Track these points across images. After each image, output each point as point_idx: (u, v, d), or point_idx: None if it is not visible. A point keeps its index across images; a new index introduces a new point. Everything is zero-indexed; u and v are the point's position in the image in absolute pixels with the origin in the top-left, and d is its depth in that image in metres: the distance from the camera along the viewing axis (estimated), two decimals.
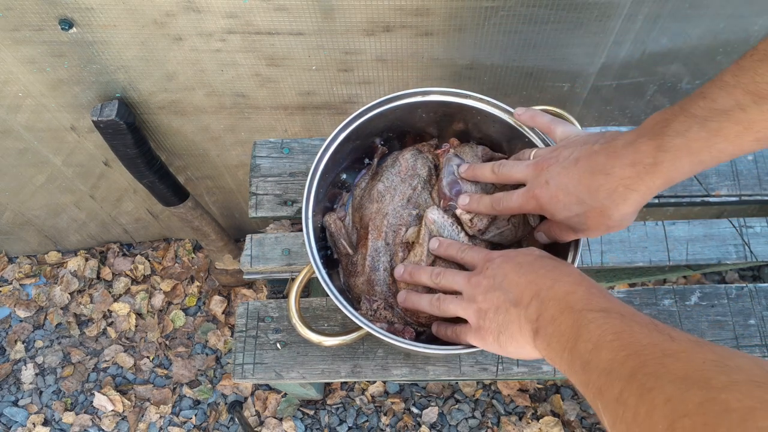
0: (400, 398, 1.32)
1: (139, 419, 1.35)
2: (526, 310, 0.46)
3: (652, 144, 0.45)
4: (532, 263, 0.50)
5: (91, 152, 1.08)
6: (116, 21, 0.78)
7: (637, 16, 0.77)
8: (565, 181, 0.50)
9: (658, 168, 0.45)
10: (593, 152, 0.49)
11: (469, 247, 0.58)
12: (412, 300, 0.58)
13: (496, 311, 0.49)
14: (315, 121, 1.01)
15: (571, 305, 0.43)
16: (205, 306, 1.45)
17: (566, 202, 0.51)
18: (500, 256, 0.53)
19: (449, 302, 0.54)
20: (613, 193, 0.48)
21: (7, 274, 1.50)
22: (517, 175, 0.57)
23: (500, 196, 0.58)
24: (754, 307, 0.73)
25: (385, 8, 0.75)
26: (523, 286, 0.48)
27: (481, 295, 0.51)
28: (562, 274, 0.47)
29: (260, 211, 0.77)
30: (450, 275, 0.55)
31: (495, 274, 0.50)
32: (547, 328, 0.44)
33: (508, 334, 0.48)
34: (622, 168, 0.47)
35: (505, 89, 0.91)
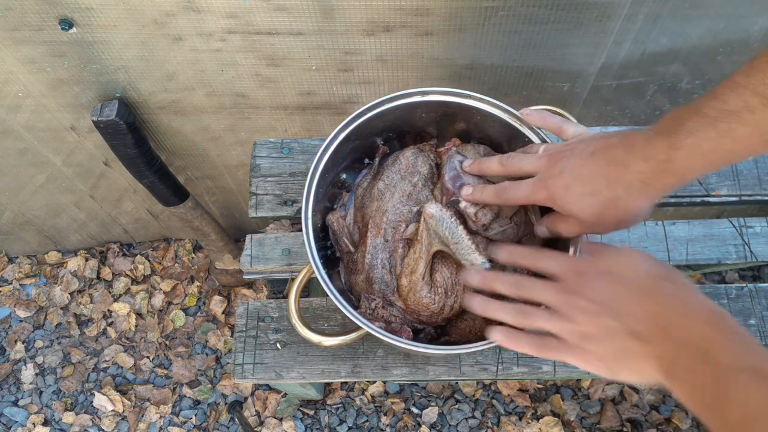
0: (400, 398, 1.32)
1: (139, 419, 1.35)
2: (653, 347, 0.42)
3: (665, 142, 0.45)
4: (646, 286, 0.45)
5: (91, 152, 1.08)
6: (116, 21, 0.78)
7: (637, 16, 0.77)
8: (582, 172, 0.50)
9: (671, 165, 0.45)
10: (611, 145, 0.49)
11: (544, 253, 0.52)
12: (490, 308, 0.53)
13: (609, 338, 0.45)
14: (315, 121, 1.01)
15: (712, 356, 0.39)
16: (205, 306, 1.45)
17: (581, 193, 0.50)
18: (596, 270, 0.48)
19: (538, 318, 0.49)
20: (629, 186, 0.48)
21: (7, 274, 1.50)
22: (527, 167, 0.55)
23: (506, 184, 0.56)
24: (754, 307, 0.73)
25: (385, 8, 0.75)
26: (644, 318, 0.43)
27: (583, 317, 0.46)
28: (693, 308, 0.42)
29: (260, 211, 0.77)
30: (536, 287, 0.50)
31: (601, 297, 0.46)
32: (685, 377, 0.41)
33: (626, 366, 0.45)
34: (638, 162, 0.47)
35: (505, 89, 0.91)
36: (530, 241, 0.65)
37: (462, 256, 0.59)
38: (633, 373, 0.44)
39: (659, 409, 1.29)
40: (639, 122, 1.00)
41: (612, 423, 1.27)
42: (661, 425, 1.27)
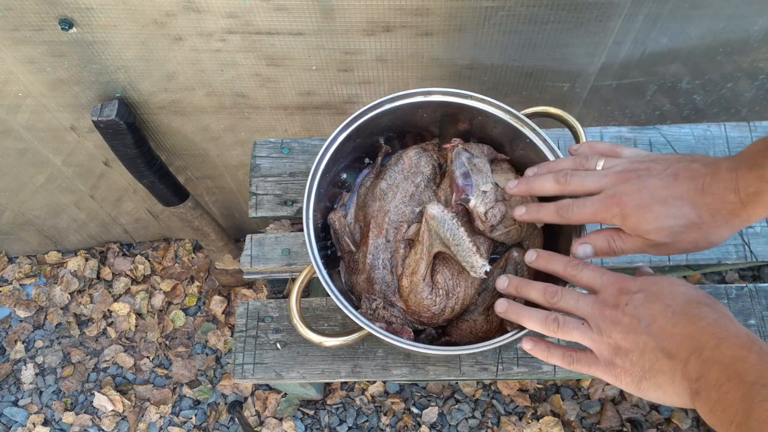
0: (400, 398, 1.32)
1: (139, 419, 1.35)
2: (684, 366, 0.43)
3: (753, 174, 0.45)
4: (685, 309, 0.45)
5: (91, 152, 1.08)
6: (116, 21, 0.78)
7: (637, 16, 0.77)
8: (664, 193, 0.49)
9: (760, 198, 0.45)
10: (695, 171, 0.48)
11: (584, 264, 0.52)
12: (518, 313, 0.53)
13: (641, 355, 0.45)
14: (315, 121, 1.01)
15: (741, 375, 0.39)
16: (205, 306, 1.45)
17: (660, 214, 0.49)
18: (640, 289, 0.48)
19: (572, 329, 0.49)
20: (716, 214, 0.47)
21: (7, 274, 1.50)
22: (590, 185, 0.53)
23: (569, 202, 0.53)
24: (754, 307, 0.73)
25: (385, 8, 0.75)
26: (680, 338, 0.44)
27: (619, 333, 0.46)
28: (728, 333, 0.43)
29: (260, 211, 0.77)
30: (573, 298, 0.50)
31: (639, 314, 0.46)
32: (711, 394, 0.41)
33: (655, 383, 0.45)
34: (727, 192, 0.46)
35: (505, 89, 0.91)
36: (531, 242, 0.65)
37: (462, 258, 0.59)
38: (660, 390, 0.45)
39: (659, 409, 1.29)
40: (639, 122, 1.01)
41: (612, 423, 1.27)
42: (661, 425, 1.27)
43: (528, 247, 0.65)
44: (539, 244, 0.65)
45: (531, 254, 0.56)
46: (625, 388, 0.47)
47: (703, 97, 0.95)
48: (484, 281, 0.63)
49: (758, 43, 0.83)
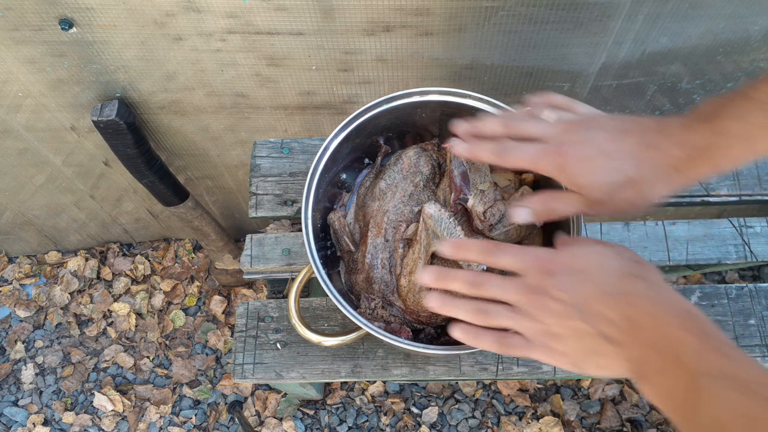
0: (400, 398, 1.32)
1: (139, 419, 1.35)
2: (623, 349, 0.41)
3: (706, 126, 0.43)
4: (617, 288, 0.43)
5: (91, 152, 1.08)
6: (116, 21, 0.78)
7: (637, 15, 0.77)
8: (609, 147, 0.46)
9: (710, 153, 0.43)
10: (645, 127, 0.46)
11: (500, 249, 0.48)
12: (449, 306, 0.49)
13: (578, 339, 0.43)
14: (315, 121, 1.01)
15: (684, 360, 0.38)
16: (205, 306, 1.45)
17: (603, 167, 0.46)
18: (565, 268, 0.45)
19: (500, 317, 0.46)
20: (658, 170, 0.45)
21: (7, 274, 1.50)
22: (535, 131, 0.50)
23: (509, 143, 0.50)
24: (754, 306, 0.73)
25: (385, 8, 0.75)
26: (616, 320, 0.41)
27: (550, 318, 0.44)
28: (665, 309, 0.41)
29: (260, 211, 0.77)
30: (497, 286, 0.47)
31: (570, 299, 0.43)
32: (655, 379, 0.39)
33: (595, 364, 0.43)
34: (674, 147, 0.44)
35: (505, 89, 0.91)
36: (531, 241, 0.65)
37: None
38: (601, 369, 0.43)
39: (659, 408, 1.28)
40: None
41: (612, 423, 1.27)
42: (661, 425, 1.27)
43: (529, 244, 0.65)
44: (539, 243, 0.65)
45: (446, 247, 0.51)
46: (563, 368, 0.45)
47: (703, 97, 0.95)
48: None
49: (758, 43, 0.83)
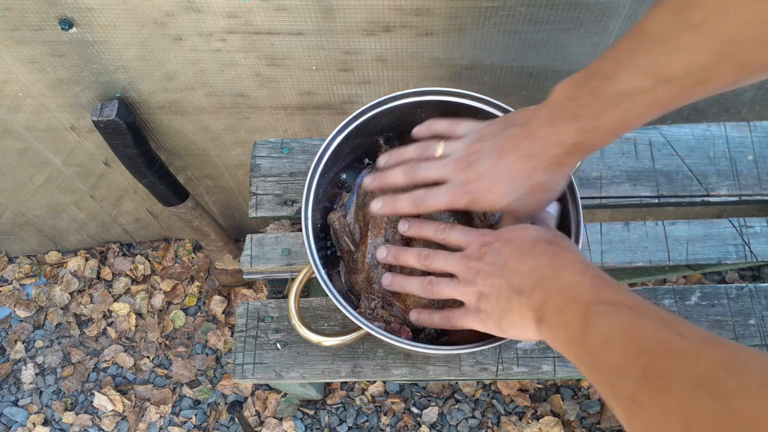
0: (400, 398, 1.32)
1: (139, 419, 1.35)
2: (529, 299, 0.46)
3: (572, 127, 0.47)
4: (531, 248, 0.49)
5: (91, 152, 1.08)
6: (116, 21, 0.78)
7: (637, 15, 0.77)
8: (497, 173, 0.52)
9: (581, 146, 0.49)
10: (513, 137, 0.51)
11: (450, 227, 0.56)
12: (400, 282, 0.57)
13: (498, 297, 0.49)
14: (315, 121, 1.01)
15: (577, 297, 0.43)
16: (205, 306, 1.45)
17: (504, 191, 0.52)
18: (497, 239, 0.51)
19: (445, 285, 0.53)
20: (547, 170, 0.51)
21: (7, 274, 1.50)
22: (434, 175, 0.56)
23: (422, 193, 0.56)
24: (754, 306, 0.73)
25: (385, 8, 0.75)
26: (525, 274, 0.47)
27: (481, 280, 0.50)
28: (566, 262, 0.47)
29: (260, 211, 0.77)
30: (442, 257, 0.54)
31: (495, 260, 0.50)
32: (553, 319, 0.44)
33: (510, 320, 0.48)
34: (549, 149, 0.49)
35: (505, 89, 0.91)
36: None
37: None
38: (516, 327, 0.48)
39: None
40: None
41: (612, 423, 1.27)
42: None
43: None
44: None
45: (403, 224, 0.59)
46: (492, 332, 0.51)
47: None
48: None
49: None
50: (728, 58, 0.39)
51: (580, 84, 0.47)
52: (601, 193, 0.77)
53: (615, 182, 0.77)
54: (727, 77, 0.40)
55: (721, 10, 0.37)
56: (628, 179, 0.77)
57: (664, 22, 0.40)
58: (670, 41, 0.40)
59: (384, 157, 0.62)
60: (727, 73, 0.40)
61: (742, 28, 0.37)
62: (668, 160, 0.78)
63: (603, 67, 0.45)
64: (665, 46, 0.40)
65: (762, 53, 0.38)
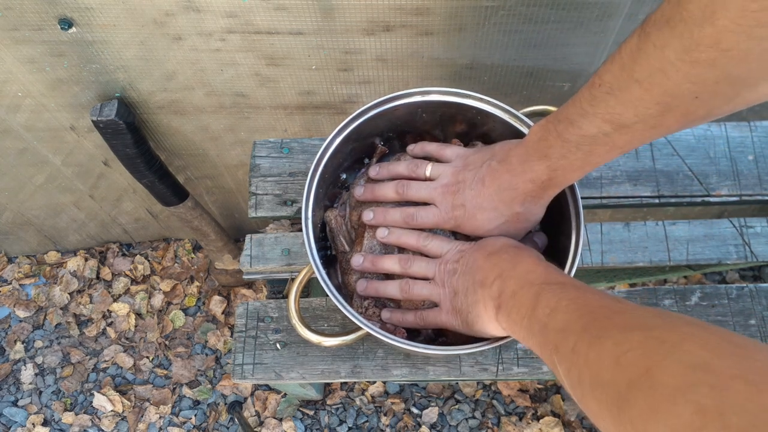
0: (400, 398, 1.32)
1: (138, 419, 1.35)
2: (489, 290, 0.51)
3: (542, 165, 0.52)
4: (498, 250, 0.54)
5: (91, 152, 1.08)
6: (116, 20, 0.78)
7: (637, 15, 0.76)
8: (480, 201, 0.57)
9: (552, 182, 0.54)
10: (494, 170, 0.56)
11: (431, 237, 0.60)
12: (376, 287, 0.61)
13: (465, 293, 0.54)
14: (315, 121, 1.01)
15: (531, 281, 0.48)
16: (204, 306, 1.45)
17: (485, 219, 0.57)
18: (471, 247, 0.57)
19: (421, 287, 0.58)
20: (523, 202, 0.56)
21: (7, 274, 1.50)
22: (424, 195, 0.61)
23: (413, 211, 0.61)
24: (755, 307, 0.73)
25: (385, 8, 0.75)
26: (488, 269, 0.53)
27: (454, 279, 0.56)
28: (523, 257, 0.52)
29: (260, 211, 0.77)
30: (422, 263, 0.59)
31: (467, 261, 0.56)
32: (508, 303, 0.49)
33: (475, 313, 0.53)
34: (525, 183, 0.54)
35: (506, 89, 0.90)
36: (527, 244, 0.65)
37: None
38: (479, 319, 0.53)
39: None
40: None
41: None
42: None
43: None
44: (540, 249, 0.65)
45: (382, 231, 0.62)
46: (461, 328, 0.56)
47: None
48: None
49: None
50: (672, 109, 0.42)
51: (548, 128, 0.51)
52: (602, 193, 0.77)
53: (615, 182, 0.77)
54: (676, 123, 0.44)
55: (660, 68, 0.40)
56: (628, 179, 0.77)
57: (616, 75, 0.44)
58: (621, 93, 0.44)
59: (375, 169, 0.66)
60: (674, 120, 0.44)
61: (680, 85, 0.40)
62: (669, 160, 0.78)
63: (568, 113, 0.49)
64: (618, 98, 0.44)
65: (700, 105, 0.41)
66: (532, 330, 0.45)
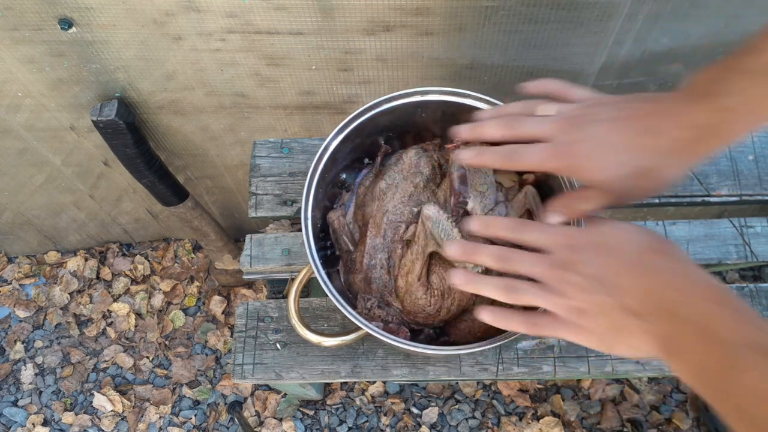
0: (400, 398, 1.32)
1: (138, 419, 1.35)
2: (650, 324, 0.40)
3: (706, 105, 0.42)
4: (640, 260, 0.43)
5: (91, 152, 1.08)
6: (116, 20, 0.78)
7: (637, 15, 0.76)
8: (611, 139, 0.46)
9: (714, 129, 0.42)
10: (641, 111, 0.46)
11: (528, 226, 0.49)
12: (477, 282, 0.49)
13: (603, 315, 0.43)
14: (315, 121, 1.01)
15: (717, 333, 0.37)
16: (204, 306, 1.45)
17: (611, 161, 0.46)
18: (590, 244, 0.45)
19: (527, 293, 0.46)
20: (665, 155, 0.44)
21: (7, 274, 1.50)
22: (537, 131, 0.49)
23: (515, 147, 0.50)
24: (755, 307, 0.73)
25: (385, 8, 0.75)
26: (641, 293, 0.41)
27: (576, 293, 0.44)
28: (692, 283, 0.40)
29: (260, 211, 0.77)
30: (523, 260, 0.47)
31: (594, 273, 0.43)
32: (685, 356, 0.38)
33: (621, 340, 0.43)
34: (677, 129, 0.43)
35: (506, 89, 0.90)
36: None
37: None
38: (630, 348, 0.43)
39: (659, 409, 1.28)
40: None
41: (612, 423, 1.27)
42: (661, 425, 1.27)
43: None
44: None
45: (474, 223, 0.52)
46: (592, 347, 0.45)
47: None
48: None
49: None
50: None
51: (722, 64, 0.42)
52: None
53: None
54: None
55: None
56: None
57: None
58: None
59: (484, 112, 0.56)
60: None
61: None
62: None
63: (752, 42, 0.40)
64: None
65: None
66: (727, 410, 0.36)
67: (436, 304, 0.61)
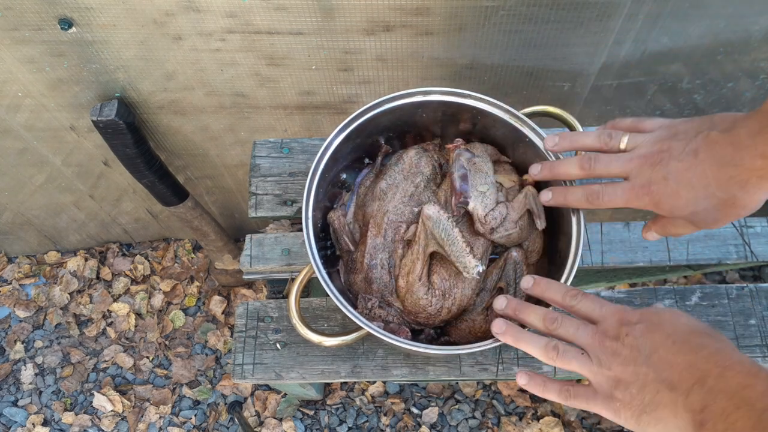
0: (400, 398, 1.32)
1: (138, 419, 1.35)
2: (686, 398, 0.41)
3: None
4: (686, 338, 0.44)
5: (91, 152, 1.08)
6: (116, 20, 0.78)
7: (637, 15, 0.76)
8: (688, 176, 0.48)
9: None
10: (713, 142, 0.47)
11: (583, 295, 0.51)
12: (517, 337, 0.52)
13: (642, 389, 0.44)
14: (315, 121, 1.01)
15: (750, 402, 0.38)
16: (204, 306, 1.45)
17: (690, 198, 0.48)
18: (640, 320, 0.46)
19: (572, 358, 0.48)
20: (746, 185, 0.46)
21: (7, 274, 1.50)
22: (615, 170, 0.52)
23: (598, 188, 0.53)
24: (755, 307, 0.73)
25: (385, 8, 0.75)
26: (680, 367, 0.42)
27: (619, 365, 0.45)
28: (731, 361, 0.41)
29: (260, 211, 0.77)
30: (573, 326, 0.49)
31: (640, 345, 0.45)
32: (717, 425, 0.39)
33: (655, 417, 0.43)
34: (753, 159, 0.45)
35: (506, 89, 0.90)
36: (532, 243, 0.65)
37: (456, 258, 0.58)
38: (661, 424, 0.43)
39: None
40: None
41: (612, 423, 1.27)
42: None
43: (528, 248, 0.65)
44: (540, 246, 0.65)
45: (528, 280, 0.55)
46: (625, 424, 0.46)
47: (704, 96, 0.95)
48: (483, 282, 0.63)
49: (759, 43, 0.83)
50: None
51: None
52: None
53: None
54: None
55: None
56: None
57: None
58: None
59: (553, 139, 0.58)
60: None
61: None
62: None
63: None
64: None
65: None
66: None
67: (437, 303, 0.61)
